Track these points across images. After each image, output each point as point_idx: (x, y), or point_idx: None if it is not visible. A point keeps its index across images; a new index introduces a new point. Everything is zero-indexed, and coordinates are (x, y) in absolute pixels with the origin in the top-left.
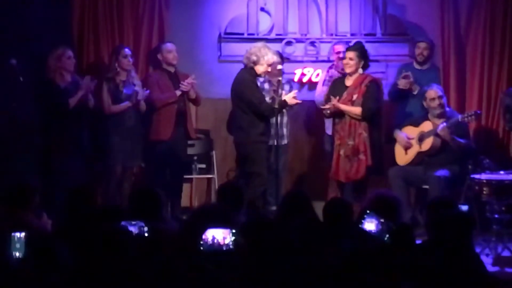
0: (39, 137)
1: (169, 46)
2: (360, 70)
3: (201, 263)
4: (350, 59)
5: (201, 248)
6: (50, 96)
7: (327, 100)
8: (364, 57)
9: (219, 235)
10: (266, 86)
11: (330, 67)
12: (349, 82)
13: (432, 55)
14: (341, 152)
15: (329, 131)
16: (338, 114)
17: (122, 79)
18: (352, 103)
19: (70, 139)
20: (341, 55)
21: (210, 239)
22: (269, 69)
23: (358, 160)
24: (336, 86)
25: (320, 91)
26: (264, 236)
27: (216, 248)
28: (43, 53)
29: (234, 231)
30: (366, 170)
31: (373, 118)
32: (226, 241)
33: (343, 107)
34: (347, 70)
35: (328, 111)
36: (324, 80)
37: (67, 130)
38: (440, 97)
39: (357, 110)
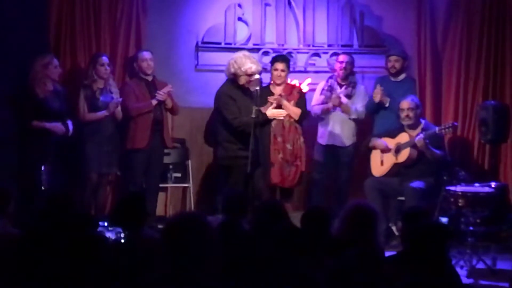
0: (15, 144)
1: (144, 54)
2: (287, 80)
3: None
4: (282, 70)
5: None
6: (26, 104)
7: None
8: (289, 67)
9: None
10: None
11: (330, 77)
12: (277, 91)
13: (405, 66)
14: (279, 156)
15: (321, 140)
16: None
17: (99, 86)
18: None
19: (46, 146)
20: (343, 65)
21: None
22: (251, 79)
23: (295, 166)
24: (263, 95)
25: (317, 100)
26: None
27: None
28: (20, 59)
29: None
30: (300, 176)
31: (302, 123)
32: None
33: (286, 103)
34: (279, 81)
35: (274, 104)
36: (323, 90)
37: (43, 136)
38: (411, 109)
39: (297, 110)
